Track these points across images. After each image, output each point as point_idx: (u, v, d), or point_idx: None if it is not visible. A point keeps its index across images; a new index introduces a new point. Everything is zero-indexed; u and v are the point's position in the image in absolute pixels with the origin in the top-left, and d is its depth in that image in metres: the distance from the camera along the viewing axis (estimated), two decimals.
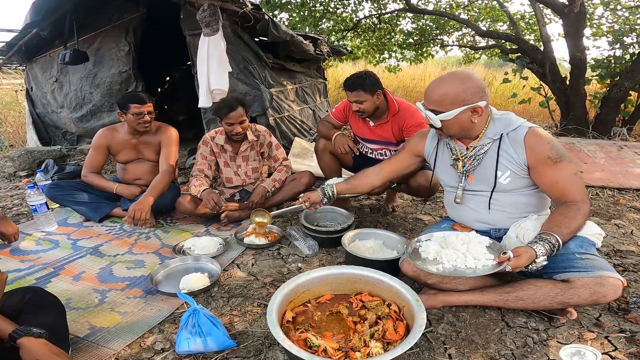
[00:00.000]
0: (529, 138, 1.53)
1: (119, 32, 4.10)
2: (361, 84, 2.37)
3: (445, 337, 1.53)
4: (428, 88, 1.58)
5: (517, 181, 1.60)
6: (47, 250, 2.34)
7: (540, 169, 1.53)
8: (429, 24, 8.49)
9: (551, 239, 1.39)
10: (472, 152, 1.66)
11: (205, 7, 3.18)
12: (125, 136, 2.73)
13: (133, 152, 2.77)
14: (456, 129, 1.59)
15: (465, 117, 1.54)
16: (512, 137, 1.56)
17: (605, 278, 1.38)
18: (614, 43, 5.21)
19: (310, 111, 5.35)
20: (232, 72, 3.45)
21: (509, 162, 1.58)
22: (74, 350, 1.48)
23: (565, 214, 1.48)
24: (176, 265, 2.09)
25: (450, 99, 1.51)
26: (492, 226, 1.74)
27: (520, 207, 1.66)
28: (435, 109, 1.54)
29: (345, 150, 2.60)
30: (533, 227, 1.56)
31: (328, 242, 2.30)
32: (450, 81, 1.53)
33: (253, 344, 1.51)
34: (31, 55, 4.72)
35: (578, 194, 1.50)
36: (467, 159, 1.68)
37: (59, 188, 2.73)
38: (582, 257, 1.46)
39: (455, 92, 1.50)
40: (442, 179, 1.86)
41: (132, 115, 2.58)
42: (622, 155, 3.92)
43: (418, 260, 1.55)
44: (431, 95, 1.56)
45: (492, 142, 1.61)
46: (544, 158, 1.50)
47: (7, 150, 5.40)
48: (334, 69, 10.47)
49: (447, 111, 1.52)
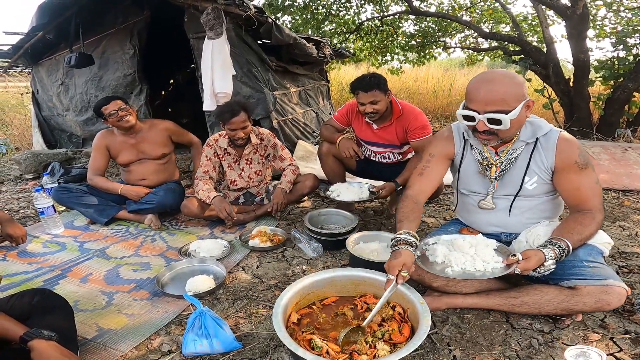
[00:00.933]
0: (561, 142, 1.52)
1: (124, 35, 4.14)
2: (377, 83, 2.36)
3: (449, 338, 1.54)
4: (479, 90, 1.45)
5: (541, 187, 1.60)
6: (55, 253, 2.36)
7: (566, 174, 1.53)
8: (431, 26, 8.49)
9: (561, 244, 1.40)
10: (505, 157, 1.62)
11: (210, 10, 3.21)
12: (121, 137, 2.79)
13: (134, 152, 2.80)
14: (515, 128, 1.51)
15: (523, 113, 1.47)
16: (544, 142, 1.55)
17: (611, 287, 1.39)
18: (617, 44, 5.20)
19: (313, 114, 5.37)
20: (236, 75, 3.47)
21: (538, 167, 1.57)
22: (82, 352, 1.49)
23: (580, 222, 1.48)
24: (182, 268, 2.11)
25: (513, 95, 1.43)
26: (506, 231, 1.73)
27: (537, 213, 1.66)
28: (501, 108, 1.43)
29: (350, 154, 2.58)
30: (544, 232, 1.57)
31: (332, 245, 2.31)
32: (503, 79, 1.44)
33: (259, 346, 1.52)
34: (37, 58, 4.76)
35: (596, 202, 1.51)
36: (497, 165, 1.64)
37: (66, 191, 2.76)
38: (589, 265, 1.47)
39: (515, 88, 1.44)
40: (465, 184, 1.78)
41: (109, 117, 2.66)
42: (626, 157, 3.91)
43: (426, 263, 1.55)
44: (492, 96, 1.43)
45: (525, 146, 1.59)
46: (571, 163, 1.50)
47: (13, 153, 5.44)
48: (337, 71, 10.48)
49: (513, 109, 1.43)
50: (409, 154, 2.74)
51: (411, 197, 1.73)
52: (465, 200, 1.82)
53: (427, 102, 8.78)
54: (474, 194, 1.77)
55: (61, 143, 5.15)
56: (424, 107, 8.17)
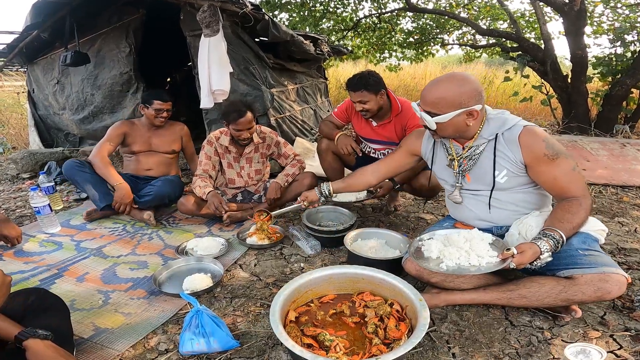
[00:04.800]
0: (523, 137, 1.52)
1: (119, 33, 4.11)
2: (364, 84, 2.36)
3: (448, 336, 1.53)
4: (425, 89, 1.58)
5: (513, 179, 1.60)
6: (51, 252, 2.34)
7: (538, 167, 1.52)
8: (429, 22, 8.49)
9: (555, 235, 1.39)
10: (468, 152, 1.65)
11: (205, 7, 3.18)
12: (142, 129, 2.96)
13: (146, 144, 2.95)
14: (451, 131, 1.59)
15: (461, 119, 1.53)
16: (507, 137, 1.55)
17: (609, 274, 1.38)
18: (615, 41, 5.21)
19: (311, 111, 5.35)
20: (233, 72, 3.44)
21: (505, 161, 1.57)
22: (79, 352, 1.48)
23: (567, 210, 1.47)
24: (179, 266, 2.10)
25: (447, 102, 1.50)
26: (493, 224, 1.73)
27: (520, 205, 1.66)
28: (431, 110, 1.54)
29: (349, 150, 2.59)
30: (536, 223, 1.56)
31: (330, 242, 2.30)
32: (447, 84, 1.52)
33: (256, 344, 1.51)
34: (32, 57, 4.72)
35: (578, 189, 1.49)
36: (463, 159, 1.68)
37: (82, 166, 2.76)
38: (585, 254, 1.46)
39: (452, 96, 1.49)
40: (441, 179, 1.86)
41: (153, 110, 2.83)
42: (624, 153, 3.91)
43: (421, 259, 1.55)
44: (427, 97, 1.55)
45: (488, 142, 1.60)
46: (540, 156, 1.50)
47: (10, 152, 5.41)
48: (335, 68, 10.48)
49: (443, 114, 1.51)
50: None
51: (364, 169, 2.07)
52: (447, 195, 1.87)
53: None
54: (450, 188, 1.82)
55: (58, 142, 5.11)
56: None
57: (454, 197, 1.78)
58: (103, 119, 4.52)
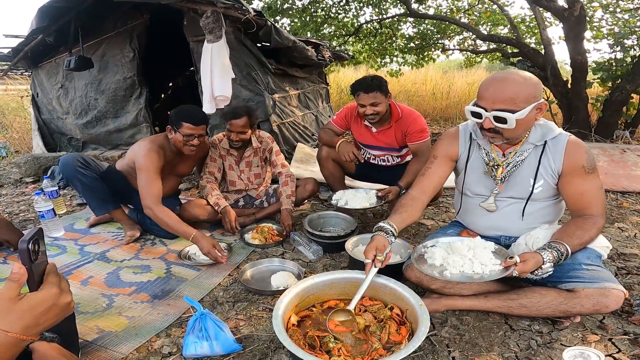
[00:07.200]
0: (570, 146, 1.52)
1: (123, 38, 4.16)
2: (378, 85, 2.37)
3: (448, 340, 1.54)
4: (491, 89, 1.47)
5: (547, 191, 1.60)
6: (55, 256, 2.36)
7: (571, 178, 1.53)
8: (430, 28, 8.53)
9: (560, 247, 1.41)
10: (511, 159, 1.62)
11: (209, 13, 3.22)
12: (170, 154, 2.45)
13: (170, 170, 2.54)
14: (522, 129, 1.51)
15: (532, 115, 1.46)
16: (553, 145, 1.55)
17: (610, 290, 1.40)
18: (615, 46, 5.23)
19: (312, 116, 5.38)
20: (235, 78, 3.48)
21: (546, 171, 1.57)
22: (83, 354, 1.50)
23: (580, 226, 1.49)
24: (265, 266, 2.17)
25: (524, 96, 1.42)
26: (506, 234, 1.73)
27: (539, 217, 1.66)
28: (507, 107, 1.43)
29: (350, 158, 2.58)
30: (543, 235, 1.57)
31: (332, 247, 2.32)
32: (516, 78, 1.44)
33: (259, 348, 1.53)
34: (37, 61, 4.78)
35: (599, 208, 1.51)
36: (503, 167, 1.63)
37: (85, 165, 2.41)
38: (588, 268, 1.48)
39: (527, 90, 1.43)
40: (470, 185, 1.77)
41: (182, 136, 2.29)
42: (625, 159, 3.92)
43: (424, 266, 1.55)
44: (501, 94, 1.44)
45: (534, 149, 1.59)
46: (578, 167, 1.50)
47: (13, 156, 5.45)
48: (336, 74, 10.51)
49: (520, 109, 1.42)
50: (408, 156, 2.75)
51: (410, 195, 1.77)
52: (468, 201, 1.82)
53: (426, 104, 8.80)
54: (477, 195, 1.76)
55: (61, 146, 5.15)
56: (423, 110, 8.19)
57: (487, 204, 1.71)
58: (106, 124, 4.56)
